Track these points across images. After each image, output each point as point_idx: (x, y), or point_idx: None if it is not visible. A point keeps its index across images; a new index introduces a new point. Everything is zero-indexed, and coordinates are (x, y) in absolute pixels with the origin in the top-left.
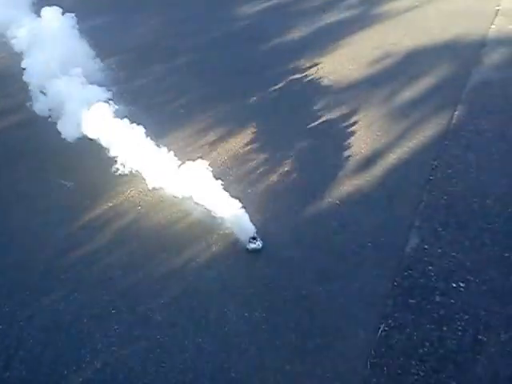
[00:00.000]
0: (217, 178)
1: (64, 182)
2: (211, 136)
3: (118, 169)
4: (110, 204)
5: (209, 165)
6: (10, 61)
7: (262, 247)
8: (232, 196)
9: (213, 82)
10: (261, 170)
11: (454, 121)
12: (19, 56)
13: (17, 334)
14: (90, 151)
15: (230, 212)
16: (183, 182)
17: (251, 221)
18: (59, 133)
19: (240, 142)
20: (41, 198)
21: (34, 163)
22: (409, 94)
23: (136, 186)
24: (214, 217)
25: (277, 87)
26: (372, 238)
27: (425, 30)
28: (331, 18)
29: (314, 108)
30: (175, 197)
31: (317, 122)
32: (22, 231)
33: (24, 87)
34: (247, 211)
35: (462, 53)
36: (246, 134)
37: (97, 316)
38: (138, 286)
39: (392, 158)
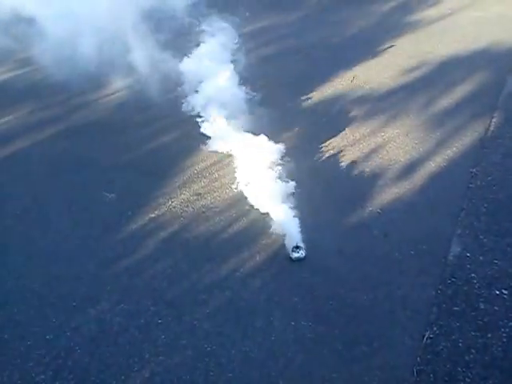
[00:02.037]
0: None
1: (106, 193)
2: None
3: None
4: (152, 215)
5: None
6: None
7: (305, 256)
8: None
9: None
10: (298, 180)
11: (491, 128)
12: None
13: (64, 344)
14: (132, 163)
15: (282, 218)
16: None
17: (299, 229)
18: (101, 144)
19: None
20: (83, 210)
21: (75, 174)
22: (445, 101)
23: (177, 196)
24: (260, 224)
25: (312, 95)
26: (414, 246)
27: (459, 37)
28: (365, 27)
29: (351, 117)
30: (217, 207)
31: (354, 131)
32: (65, 243)
33: (64, 100)
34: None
35: (497, 60)
36: (282, 142)
37: (143, 326)
38: (183, 296)
39: (431, 166)
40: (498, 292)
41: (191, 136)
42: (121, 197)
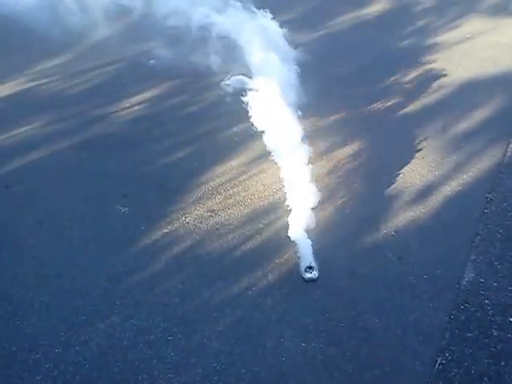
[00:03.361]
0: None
1: (119, 207)
2: None
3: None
4: (165, 230)
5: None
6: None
7: (318, 277)
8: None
9: None
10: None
11: (508, 153)
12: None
13: (73, 358)
14: (146, 177)
15: (295, 238)
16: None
17: (312, 250)
18: (117, 157)
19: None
20: (96, 223)
21: (90, 187)
22: (462, 125)
23: (191, 212)
24: (273, 243)
25: (323, 120)
26: (428, 270)
27: (477, 61)
28: (383, 49)
29: (366, 138)
30: (231, 224)
31: (369, 152)
32: (77, 256)
33: (82, 111)
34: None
35: None
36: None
37: (153, 342)
38: (194, 313)
39: (447, 190)
40: (511, 319)
41: (207, 152)
42: (134, 211)
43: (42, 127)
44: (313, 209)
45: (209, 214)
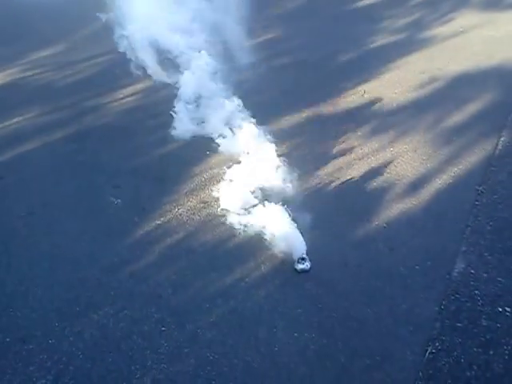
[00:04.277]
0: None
1: (112, 198)
2: None
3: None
4: (158, 222)
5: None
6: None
7: (311, 268)
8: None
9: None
10: (306, 192)
11: (499, 146)
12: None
13: (67, 349)
14: (140, 168)
15: (283, 230)
16: (233, 197)
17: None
18: (110, 149)
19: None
20: (89, 214)
21: (83, 178)
22: (454, 119)
23: (184, 203)
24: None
25: (322, 109)
26: (419, 261)
27: (470, 55)
28: (377, 42)
29: (359, 132)
30: (223, 216)
31: (363, 146)
32: (71, 247)
33: (74, 102)
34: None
35: (507, 79)
36: (289, 153)
37: (146, 333)
38: (187, 304)
39: (438, 182)
40: (500, 309)
41: (201, 144)
42: (127, 202)
43: (35, 118)
44: (305, 199)
45: (202, 205)
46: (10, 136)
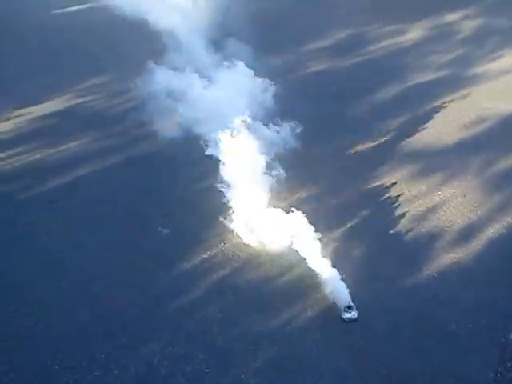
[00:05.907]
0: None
1: (160, 228)
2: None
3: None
4: (204, 256)
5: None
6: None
7: (358, 317)
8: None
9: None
10: (356, 237)
11: None
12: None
13: (112, 382)
14: (187, 198)
15: (329, 275)
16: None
17: (347, 289)
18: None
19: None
20: (137, 243)
21: (132, 205)
22: (504, 162)
23: (229, 240)
24: (311, 277)
25: (365, 148)
26: (472, 319)
27: None
28: (423, 77)
29: (407, 172)
30: (269, 254)
31: (411, 188)
32: (119, 277)
33: (126, 129)
34: (343, 278)
35: None
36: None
37: (190, 373)
38: (232, 344)
39: (490, 231)
40: None
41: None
42: (175, 233)
43: (89, 143)
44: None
45: (246, 243)
46: (64, 161)
